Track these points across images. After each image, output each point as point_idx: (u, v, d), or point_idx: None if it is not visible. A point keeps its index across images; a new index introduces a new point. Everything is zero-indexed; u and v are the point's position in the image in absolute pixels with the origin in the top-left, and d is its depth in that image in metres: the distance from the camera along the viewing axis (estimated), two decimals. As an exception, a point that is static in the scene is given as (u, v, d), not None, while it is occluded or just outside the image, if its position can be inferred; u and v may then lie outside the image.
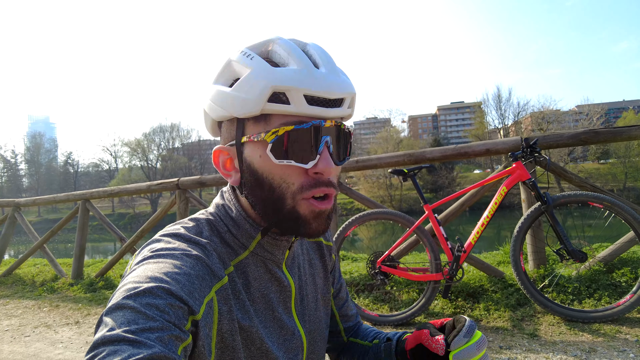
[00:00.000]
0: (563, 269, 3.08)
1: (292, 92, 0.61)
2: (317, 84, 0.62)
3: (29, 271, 6.38)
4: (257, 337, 0.68)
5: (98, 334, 0.50)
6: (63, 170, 71.80)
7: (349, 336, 0.97)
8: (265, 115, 0.64)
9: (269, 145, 0.64)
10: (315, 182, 0.66)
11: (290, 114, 0.63)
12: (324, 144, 0.65)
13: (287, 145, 0.63)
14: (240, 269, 0.71)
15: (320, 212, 0.67)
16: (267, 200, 0.67)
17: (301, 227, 0.68)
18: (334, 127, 0.66)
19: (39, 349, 3.30)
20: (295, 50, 0.65)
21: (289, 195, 0.66)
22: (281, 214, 0.67)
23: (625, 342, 2.35)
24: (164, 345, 0.50)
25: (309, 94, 0.62)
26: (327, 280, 0.92)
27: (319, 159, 0.65)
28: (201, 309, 0.58)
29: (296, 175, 0.66)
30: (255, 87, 0.62)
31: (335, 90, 0.64)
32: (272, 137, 0.63)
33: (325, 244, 0.94)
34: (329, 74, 0.65)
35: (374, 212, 3.18)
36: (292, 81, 0.61)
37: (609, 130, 3.06)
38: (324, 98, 0.64)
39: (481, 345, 0.66)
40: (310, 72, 0.63)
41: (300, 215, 0.67)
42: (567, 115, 47.57)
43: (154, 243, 0.67)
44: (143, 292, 0.54)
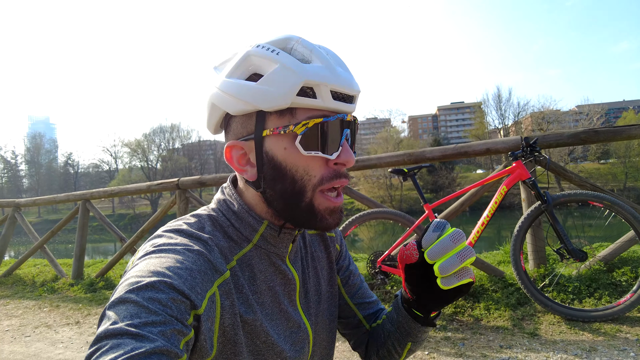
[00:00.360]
0: (563, 268, 3.08)
1: (321, 87, 0.64)
2: (340, 80, 0.66)
3: (29, 271, 6.38)
4: (261, 330, 0.69)
5: (101, 327, 0.51)
6: (63, 170, 71.83)
7: (371, 323, 0.94)
8: (291, 109, 0.67)
9: (299, 137, 0.66)
10: (334, 174, 0.69)
11: (315, 108, 0.66)
12: (344, 137, 0.69)
13: (315, 136, 0.66)
14: (245, 262, 0.72)
15: (335, 208, 0.71)
16: (287, 192, 0.69)
17: (318, 222, 0.71)
18: (352, 121, 0.71)
19: (39, 349, 3.30)
20: (316, 49, 0.68)
21: (310, 187, 0.68)
22: (299, 207, 0.69)
23: (626, 341, 2.35)
24: (166, 339, 0.50)
25: (335, 90, 0.66)
26: (332, 271, 0.91)
27: (342, 151, 0.69)
28: (203, 304, 0.58)
29: (318, 167, 0.68)
30: (286, 81, 0.64)
31: (353, 87, 0.69)
32: (302, 129, 0.66)
33: (328, 235, 0.94)
34: (346, 73, 0.69)
35: (375, 211, 3.18)
36: (320, 77, 0.64)
37: (608, 130, 3.06)
38: (345, 94, 0.68)
39: (457, 238, 0.64)
40: (334, 70, 0.66)
41: (317, 210, 0.70)
42: (567, 116, 47.60)
43: (156, 238, 0.67)
44: (145, 286, 0.54)
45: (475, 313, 2.97)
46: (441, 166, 44.08)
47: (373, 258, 3.13)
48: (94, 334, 3.58)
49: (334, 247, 0.94)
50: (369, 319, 0.94)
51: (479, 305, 3.04)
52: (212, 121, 0.75)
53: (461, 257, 0.63)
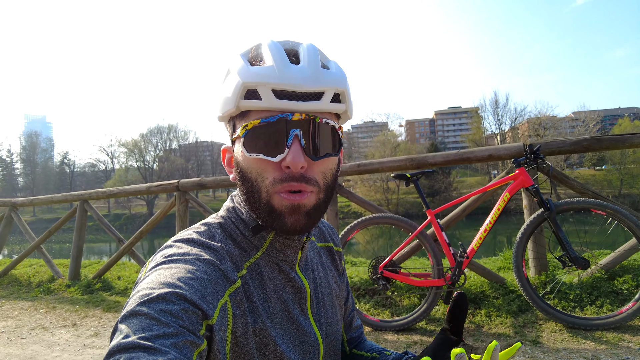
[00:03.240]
0: (565, 275, 3.08)
1: (261, 87, 0.64)
2: (287, 78, 0.64)
3: (25, 272, 6.32)
4: (269, 340, 0.68)
5: (113, 341, 0.50)
6: (59, 170, 71.38)
7: (351, 348, 0.96)
8: (246, 113, 0.67)
9: (242, 139, 0.67)
10: (287, 176, 0.66)
11: (262, 109, 0.65)
12: (293, 137, 0.65)
13: (256, 139, 0.66)
14: (255, 270, 0.71)
15: (295, 206, 0.66)
16: (249, 194, 0.70)
17: (276, 221, 0.68)
18: (304, 120, 0.65)
19: (35, 351, 3.26)
20: (275, 48, 0.67)
21: (264, 188, 0.67)
22: (260, 207, 0.69)
23: (628, 350, 2.35)
24: (179, 351, 0.50)
25: (277, 88, 0.63)
26: (341, 284, 0.92)
27: (288, 152, 0.65)
28: (215, 314, 0.58)
29: (270, 169, 0.66)
30: (232, 86, 0.66)
31: (306, 84, 0.64)
32: (243, 131, 0.67)
33: (336, 249, 0.94)
34: (306, 69, 0.65)
35: (377, 216, 3.17)
36: (260, 77, 0.64)
37: (611, 138, 3.07)
38: (293, 92, 0.64)
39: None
40: (282, 68, 0.64)
41: (275, 209, 0.67)
42: (564, 122, 47.75)
43: (166, 249, 0.67)
44: (157, 298, 0.54)
45: (476, 320, 2.97)
46: (438, 171, 44.15)
47: (375, 263, 3.11)
48: (91, 337, 3.55)
49: (340, 262, 0.95)
50: (350, 342, 0.96)
51: (480, 311, 3.03)
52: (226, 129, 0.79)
53: None
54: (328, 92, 0.66)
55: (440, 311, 3.14)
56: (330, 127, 0.69)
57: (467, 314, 0.70)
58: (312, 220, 0.69)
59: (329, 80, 0.66)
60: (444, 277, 2.93)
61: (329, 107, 0.67)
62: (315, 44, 0.71)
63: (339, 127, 0.72)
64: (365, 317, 3.07)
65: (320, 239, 0.93)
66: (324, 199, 0.71)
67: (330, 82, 0.66)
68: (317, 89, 0.65)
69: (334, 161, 0.72)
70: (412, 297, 3.34)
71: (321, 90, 0.66)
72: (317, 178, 0.68)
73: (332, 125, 0.69)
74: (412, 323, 2.95)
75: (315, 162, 0.67)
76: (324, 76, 0.66)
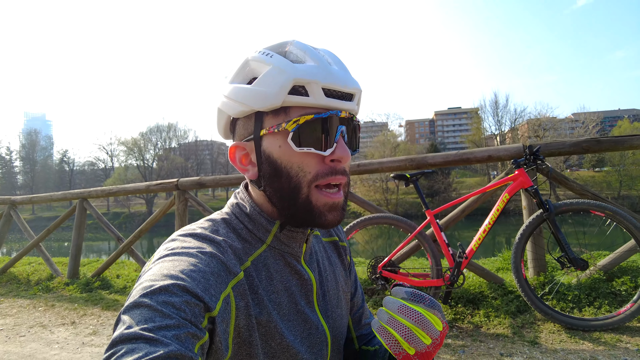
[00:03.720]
0: (563, 276, 3.08)
1: (312, 85, 0.65)
2: (333, 78, 0.67)
3: (24, 270, 6.31)
4: (276, 332, 0.69)
5: (116, 332, 0.51)
6: (59, 168, 71.31)
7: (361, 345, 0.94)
8: (285, 108, 0.68)
9: (290, 133, 0.67)
10: (330, 170, 0.69)
11: (308, 106, 0.67)
12: (339, 133, 0.69)
13: (307, 133, 0.67)
14: (261, 262, 0.72)
15: (334, 204, 0.70)
16: (284, 190, 0.70)
17: (316, 219, 0.70)
18: (347, 118, 0.71)
19: (34, 349, 3.26)
20: (311, 49, 0.70)
21: (305, 183, 0.68)
22: (297, 204, 0.70)
23: (626, 351, 2.35)
24: (180, 343, 0.50)
25: (327, 87, 0.67)
26: (347, 279, 0.92)
27: (336, 147, 0.68)
28: (217, 305, 0.59)
29: (314, 164, 0.68)
30: (277, 81, 0.66)
31: (348, 85, 0.69)
32: (293, 125, 0.67)
33: (341, 244, 0.95)
34: (341, 71, 0.70)
35: (376, 216, 3.18)
36: (311, 75, 0.66)
37: (610, 139, 3.08)
38: (339, 91, 0.68)
39: (415, 297, 0.68)
40: (326, 68, 0.67)
41: (314, 207, 0.69)
42: (564, 123, 47.79)
43: (170, 242, 0.68)
44: (159, 289, 0.55)
45: (475, 320, 2.97)
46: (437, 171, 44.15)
47: (374, 263, 3.12)
48: (89, 335, 3.55)
49: (345, 256, 0.95)
50: (361, 339, 0.95)
51: (478, 312, 3.04)
52: (221, 126, 0.79)
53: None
54: (357, 94, 0.72)
55: (438, 311, 3.14)
56: (359, 126, 0.75)
57: None
58: (344, 213, 0.74)
59: (357, 84, 0.72)
60: (442, 277, 2.93)
61: (356, 108, 0.73)
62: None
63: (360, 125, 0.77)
64: (364, 317, 3.07)
65: (325, 234, 0.94)
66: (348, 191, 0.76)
67: (358, 85, 0.72)
68: (353, 91, 0.71)
69: None
70: (410, 297, 3.34)
71: (354, 92, 0.71)
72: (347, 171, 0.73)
73: (359, 124, 0.75)
74: (410, 323, 2.95)
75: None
76: (353, 79, 0.71)
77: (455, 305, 3.15)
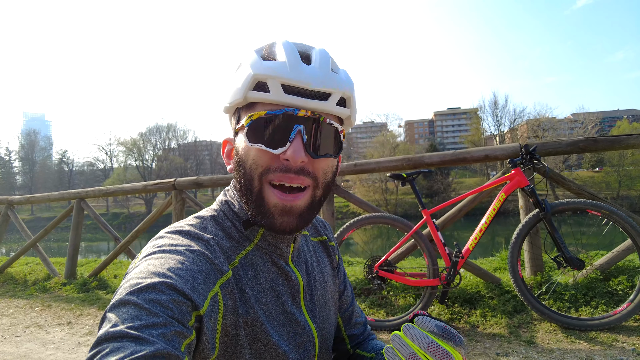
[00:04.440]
0: (560, 276, 3.08)
1: (270, 80, 0.65)
2: (298, 75, 0.65)
3: (21, 270, 6.30)
4: (262, 331, 0.68)
5: (102, 330, 0.50)
6: (58, 168, 71.17)
7: (354, 346, 0.93)
8: (252, 105, 0.69)
9: (245, 129, 0.68)
10: (282, 167, 0.67)
11: (270, 102, 0.67)
12: (296, 132, 0.66)
13: (260, 130, 0.67)
14: (248, 262, 0.72)
15: (286, 207, 0.68)
16: (242, 183, 0.71)
17: (265, 219, 0.69)
18: (310, 117, 0.67)
19: (30, 350, 3.25)
20: (289, 48, 0.69)
21: (256, 176, 0.68)
22: (251, 198, 0.69)
23: (622, 351, 2.35)
24: (167, 341, 0.50)
25: (287, 84, 0.65)
26: (335, 279, 0.92)
27: (289, 146, 0.66)
28: (205, 304, 0.58)
29: (267, 159, 0.68)
30: (241, 77, 0.68)
31: (314, 83, 0.66)
32: (248, 121, 0.68)
33: (330, 243, 0.95)
34: (316, 70, 0.67)
35: (373, 216, 3.17)
36: (271, 71, 0.65)
37: (607, 139, 3.07)
38: (302, 88, 0.66)
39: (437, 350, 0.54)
40: (294, 65, 0.66)
41: (265, 205, 0.68)
42: (563, 123, 47.76)
43: (157, 239, 0.68)
44: (146, 287, 0.54)
45: (471, 320, 2.96)
46: (437, 171, 44.18)
47: (370, 263, 3.11)
48: (85, 335, 3.54)
49: (334, 256, 0.95)
50: (352, 339, 0.94)
51: (475, 312, 3.03)
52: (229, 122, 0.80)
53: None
54: (335, 94, 0.68)
55: (435, 311, 3.13)
56: (334, 129, 0.70)
57: None
58: (304, 221, 0.70)
59: (336, 83, 0.68)
60: (439, 277, 2.93)
61: (334, 109, 0.69)
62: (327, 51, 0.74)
63: (342, 130, 0.73)
64: (361, 317, 3.06)
65: (314, 234, 0.94)
66: (320, 197, 0.72)
67: (338, 85, 0.69)
68: (325, 90, 0.67)
69: (333, 162, 0.73)
70: (407, 297, 3.34)
71: (329, 92, 0.68)
72: (317, 174, 0.69)
73: (335, 127, 0.70)
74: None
75: (315, 160, 0.68)
76: (333, 78, 0.68)
77: (452, 305, 3.14)
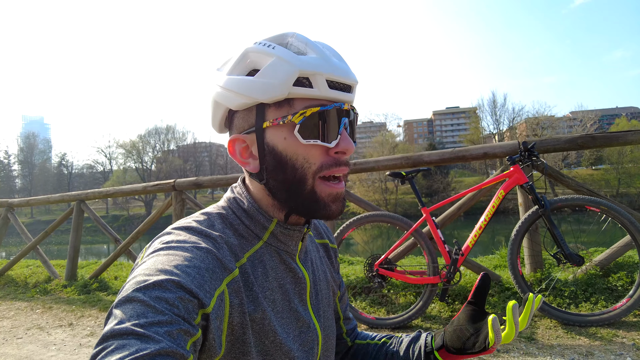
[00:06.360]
0: (560, 272, 3.09)
1: (317, 76, 0.66)
2: (335, 70, 0.68)
3: (22, 272, 6.30)
4: (269, 329, 0.68)
5: (107, 326, 0.50)
6: (57, 171, 71.02)
7: (352, 339, 0.99)
8: (289, 100, 0.68)
9: (297, 126, 0.67)
10: (334, 162, 0.70)
11: (313, 98, 0.67)
12: (343, 125, 0.70)
13: (312, 125, 0.67)
14: (257, 259, 0.72)
15: (337, 195, 0.72)
16: (289, 181, 0.70)
17: (322, 209, 0.71)
18: (350, 110, 0.72)
19: (31, 351, 3.25)
20: (311, 42, 0.70)
21: (310, 174, 0.69)
22: (302, 195, 0.70)
23: (622, 346, 2.36)
24: (172, 339, 0.50)
25: (330, 79, 0.67)
26: (335, 281, 0.94)
27: (340, 139, 0.69)
28: (212, 302, 0.58)
29: (318, 155, 0.69)
30: (282, 72, 0.66)
31: (349, 77, 0.70)
32: (300, 118, 0.67)
33: (331, 246, 0.96)
34: (341, 63, 0.70)
35: (372, 214, 3.18)
36: (315, 67, 0.66)
37: (605, 135, 3.09)
38: (342, 83, 0.69)
39: None
40: (329, 60, 0.68)
41: (319, 198, 0.70)
42: (562, 122, 47.85)
43: (164, 236, 0.67)
44: (153, 285, 0.54)
45: (472, 317, 2.96)
46: (436, 171, 44.21)
47: (370, 261, 3.12)
48: (87, 336, 3.54)
49: (335, 258, 0.96)
50: (349, 333, 0.99)
51: (475, 309, 3.03)
52: (217, 119, 0.77)
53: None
54: (355, 86, 0.73)
55: (436, 309, 3.14)
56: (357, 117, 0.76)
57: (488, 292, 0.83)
58: (344, 203, 0.75)
59: (355, 76, 0.73)
60: (439, 274, 2.93)
61: (354, 99, 0.74)
62: None
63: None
64: (361, 315, 3.07)
65: (317, 236, 0.95)
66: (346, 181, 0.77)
67: (356, 77, 0.73)
68: (353, 82, 0.72)
69: None
70: (407, 294, 3.34)
71: (353, 84, 0.72)
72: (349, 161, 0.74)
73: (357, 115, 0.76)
74: (407, 321, 2.95)
75: None
76: (352, 71, 0.72)
77: (452, 303, 3.15)
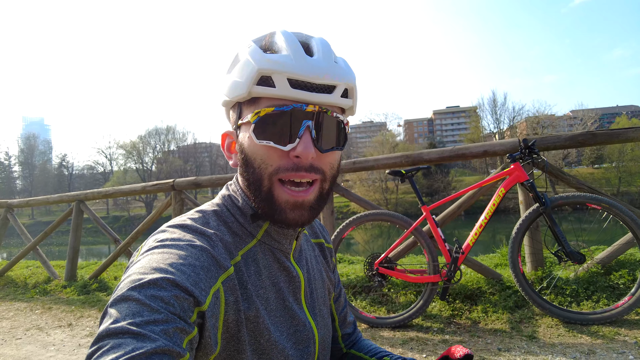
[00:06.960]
0: (561, 271, 3.07)
1: (276, 75, 0.63)
2: (303, 69, 0.64)
3: (22, 273, 6.29)
4: (264, 327, 0.67)
5: (102, 325, 0.50)
6: (57, 172, 71.01)
7: (347, 346, 0.96)
8: (255, 99, 0.67)
9: (252, 125, 0.66)
10: (294, 166, 0.66)
11: (275, 97, 0.65)
12: (304, 128, 0.65)
13: (267, 126, 0.65)
14: (250, 257, 0.71)
15: (297, 202, 0.67)
16: (250, 181, 0.70)
17: (277, 215, 0.68)
18: (317, 112, 0.66)
19: (30, 352, 3.24)
20: (290, 38, 0.67)
21: (266, 176, 0.67)
22: (260, 196, 0.68)
23: (624, 344, 2.34)
24: (168, 338, 0.49)
25: (293, 78, 0.63)
26: (331, 280, 0.93)
27: (299, 143, 0.65)
28: (207, 300, 0.58)
29: (276, 157, 0.66)
30: (245, 72, 0.66)
31: (321, 76, 0.65)
32: (254, 117, 0.66)
33: (327, 245, 0.95)
34: (320, 61, 0.66)
35: (372, 213, 3.16)
36: (277, 65, 0.63)
37: (605, 133, 3.07)
38: (308, 82, 0.65)
39: None
40: (298, 58, 0.64)
41: (275, 201, 0.67)
42: (562, 120, 47.75)
43: (159, 234, 0.67)
44: (148, 283, 0.53)
45: (473, 316, 2.95)
46: (437, 170, 44.20)
47: (370, 260, 3.10)
48: (86, 337, 3.53)
49: (330, 258, 0.96)
50: (345, 339, 0.96)
51: (476, 308, 3.02)
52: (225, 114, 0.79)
53: None
54: (340, 86, 0.67)
55: (436, 308, 3.13)
56: (339, 121, 0.70)
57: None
58: (314, 213, 0.70)
59: (341, 75, 0.67)
60: (439, 273, 2.92)
61: (339, 102, 0.68)
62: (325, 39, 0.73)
63: (347, 122, 0.73)
64: (361, 315, 3.05)
65: (313, 235, 0.94)
66: (328, 189, 0.72)
67: (343, 77, 0.68)
68: (330, 82, 0.66)
69: (338, 154, 0.73)
70: (408, 293, 3.33)
71: (334, 84, 0.67)
72: (324, 168, 0.69)
73: (341, 120, 0.70)
74: (408, 320, 2.94)
75: (323, 154, 0.68)
76: (337, 70, 0.67)
77: (453, 301, 3.13)
